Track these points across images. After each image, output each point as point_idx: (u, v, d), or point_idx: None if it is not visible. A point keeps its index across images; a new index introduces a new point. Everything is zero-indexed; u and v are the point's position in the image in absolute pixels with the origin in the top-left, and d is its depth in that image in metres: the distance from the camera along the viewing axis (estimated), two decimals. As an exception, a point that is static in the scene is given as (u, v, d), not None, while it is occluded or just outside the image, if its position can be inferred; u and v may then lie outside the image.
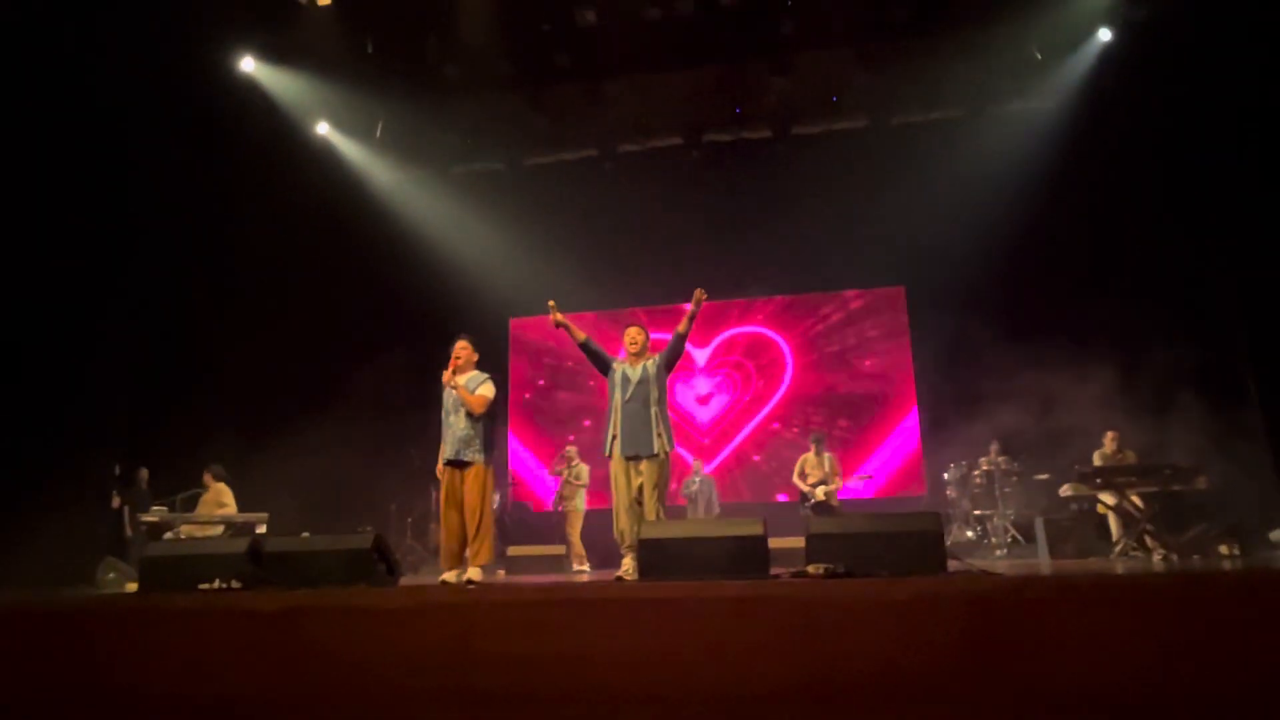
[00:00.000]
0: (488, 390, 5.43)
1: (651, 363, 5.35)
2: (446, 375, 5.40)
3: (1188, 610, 2.81)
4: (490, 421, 5.45)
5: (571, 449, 9.95)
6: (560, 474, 9.83)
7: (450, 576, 5.15)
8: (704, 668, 2.95)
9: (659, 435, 5.16)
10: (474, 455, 5.30)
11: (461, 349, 5.52)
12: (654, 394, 5.25)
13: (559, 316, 5.38)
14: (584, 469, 9.71)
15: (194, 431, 8.64)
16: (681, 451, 9.46)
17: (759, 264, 11.38)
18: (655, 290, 11.86)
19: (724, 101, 10.53)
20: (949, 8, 8.92)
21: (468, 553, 5.29)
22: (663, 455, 5.15)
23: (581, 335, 5.44)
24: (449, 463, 5.32)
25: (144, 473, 8.92)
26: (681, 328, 5.32)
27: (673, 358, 5.40)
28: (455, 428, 5.34)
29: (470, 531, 5.26)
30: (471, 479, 5.28)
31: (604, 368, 5.44)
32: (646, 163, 11.15)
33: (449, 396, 5.45)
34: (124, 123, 8.28)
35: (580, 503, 9.61)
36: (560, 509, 9.66)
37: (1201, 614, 2.79)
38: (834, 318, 11.58)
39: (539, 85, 9.95)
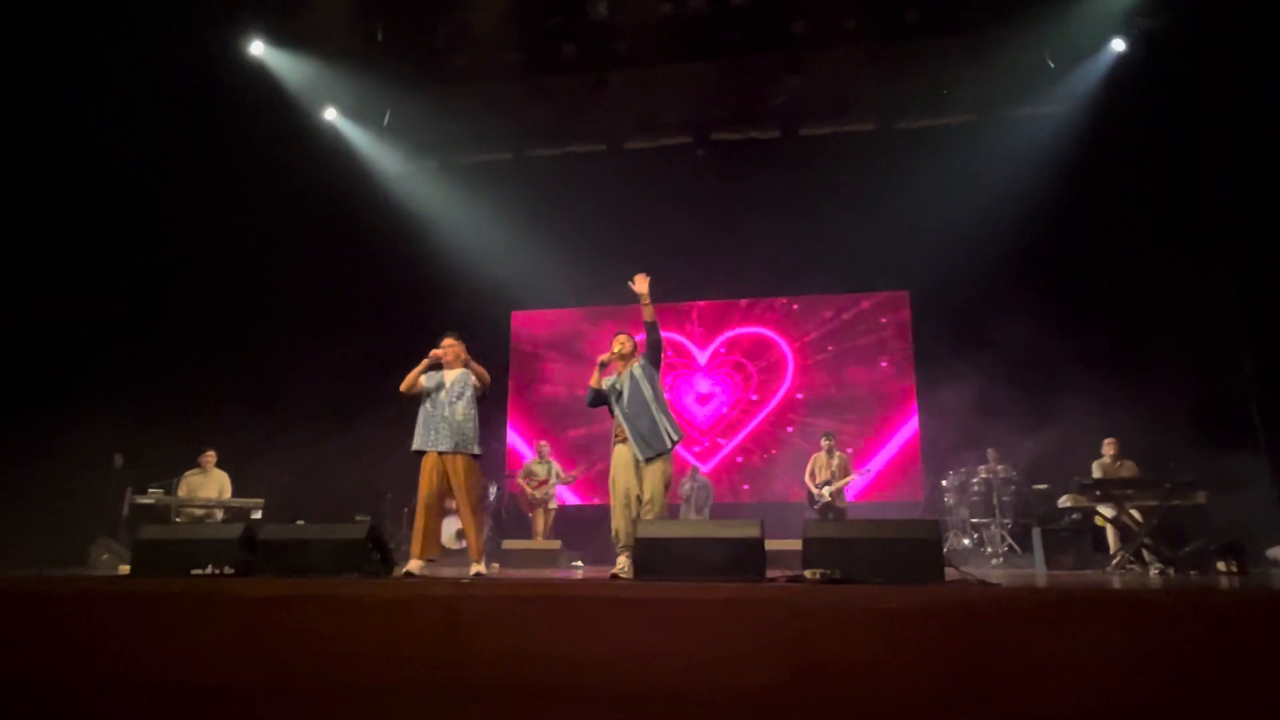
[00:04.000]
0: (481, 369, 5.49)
1: (637, 366, 5.34)
2: (444, 354, 5.39)
3: (1184, 626, 2.79)
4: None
5: (545, 445, 10.01)
6: (535, 474, 9.80)
7: (415, 566, 5.04)
8: (695, 669, 2.93)
9: (666, 431, 5.20)
10: (473, 447, 5.31)
11: (448, 346, 5.49)
12: (649, 392, 5.25)
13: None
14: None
15: (194, 415, 8.62)
16: (681, 451, 9.41)
17: (764, 264, 11.33)
18: (659, 288, 11.78)
19: (732, 101, 10.47)
20: (960, 12, 8.86)
21: (467, 547, 5.28)
22: (670, 448, 5.20)
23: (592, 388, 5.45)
24: (444, 453, 5.27)
25: (119, 457, 8.83)
26: (646, 317, 5.37)
27: (654, 350, 5.39)
28: (453, 418, 5.28)
29: (468, 526, 5.28)
30: (468, 471, 5.26)
31: (605, 398, 5.42)
32: (654, 159, 11.07)
33: (432, 379, 5.42)
34: (129, 102, 8.25)
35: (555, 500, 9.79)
36: (547, 507, 9.69)
37: (1198, 630, 2.77)
38: (838, 320, 11.53)
39: (548, 76, 9.90)
